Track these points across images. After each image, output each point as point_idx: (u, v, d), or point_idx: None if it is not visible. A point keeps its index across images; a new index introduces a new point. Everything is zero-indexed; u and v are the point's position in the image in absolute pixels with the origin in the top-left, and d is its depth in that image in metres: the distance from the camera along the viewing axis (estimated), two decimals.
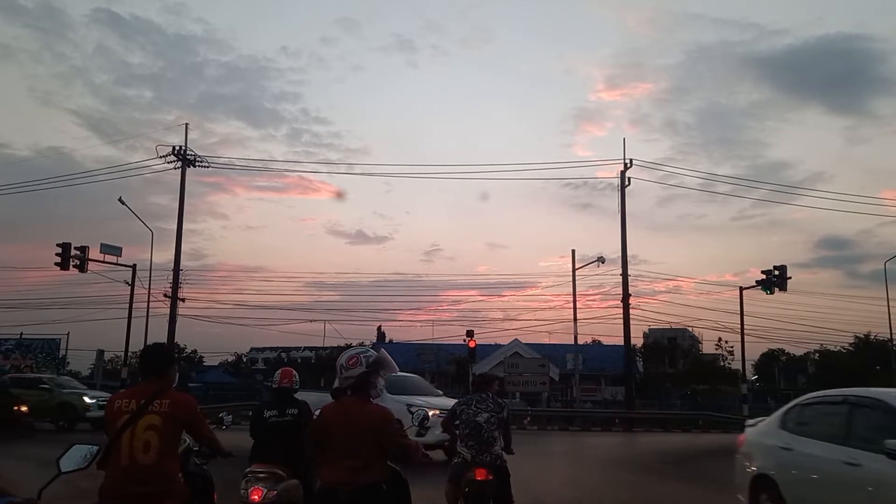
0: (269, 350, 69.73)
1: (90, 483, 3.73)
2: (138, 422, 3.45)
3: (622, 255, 30.50)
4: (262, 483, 5.51)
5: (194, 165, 30.12)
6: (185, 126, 30.42)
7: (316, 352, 62.70)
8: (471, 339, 30.38)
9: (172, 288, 29.59)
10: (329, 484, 3.68)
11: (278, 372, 6.46)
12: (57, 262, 27.41)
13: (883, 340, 41.39)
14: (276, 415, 5.99)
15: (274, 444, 5.80)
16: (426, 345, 48.44)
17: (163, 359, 3.80)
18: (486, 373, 7.60)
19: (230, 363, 69.51)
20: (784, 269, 30.66)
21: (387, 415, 3.81)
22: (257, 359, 70.28)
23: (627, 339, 31.31)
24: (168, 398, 3.56)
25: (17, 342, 32.50)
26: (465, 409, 6.05)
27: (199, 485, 4.51)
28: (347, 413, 3.74)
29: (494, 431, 5.92)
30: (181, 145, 29.60)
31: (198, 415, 3.77)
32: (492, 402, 6.06)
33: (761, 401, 45.86)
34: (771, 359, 66.56)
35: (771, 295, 31.10)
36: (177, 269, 29.92)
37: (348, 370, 3.82)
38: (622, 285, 30.48)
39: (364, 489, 3.60)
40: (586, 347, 46.19)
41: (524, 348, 44.97)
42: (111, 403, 3.62)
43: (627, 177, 30.31)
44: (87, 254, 28.30)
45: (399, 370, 4.09)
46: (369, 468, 3.66)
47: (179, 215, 30.03)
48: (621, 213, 30.26)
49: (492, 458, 5.82)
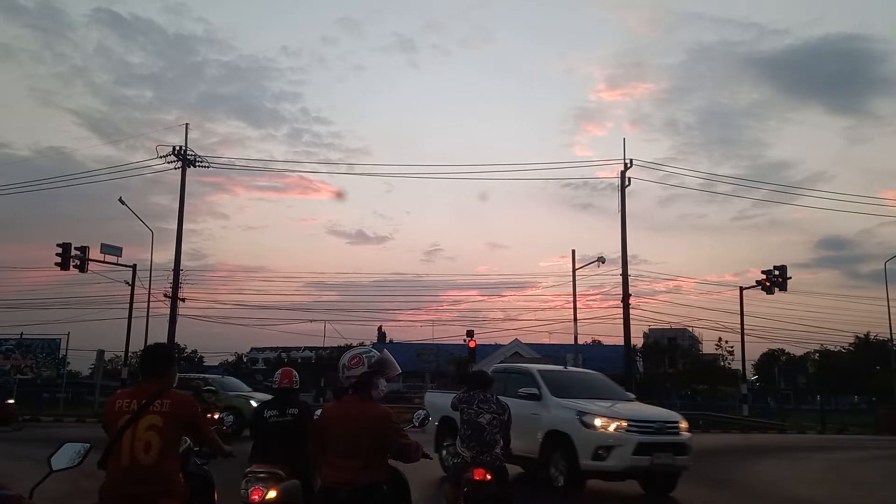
0: (269, 350, 69.75)
1: (90, 483, 3.73)
2: (139, 422, 3.45)
3: (622, 255, 30.51)
4: (262, 483, 5.50)
5: (194, 165, 30.11)
6: (186, 126, 30.46)
7: (316, 352, 62.73)
8: (471, 340, 30.41)
9: (172, 288, 29.58)
10: (329, 484, 3.68)
11: (278, 372, 6.46)
12: (57, 262, 27.44)
13: (883, 340, 41.41)
14: (277, 415, 5.99)
15: (274, 444, 5.79)
16: (426, 345, 48.49)
17: (163, 359, 3.80)
18: (485, 371, 7.51)
19: (230, 363, 69.48)
20: (784, 269, 30.70)
21: (387, 414, 3.80)
22: (257, 359, 70.31)
23: (627, 339, 31.33)
24: (169, 398, 3.56)
25: (17, 342, 32.45)
26: (465, 408, 6.04)
27: (199, 485, 4.51)
28: (348, 413, 3.74)
29: (496, 434, 5.92)
30: (181, 145, 29.62)
31: (198, 415, 3.77)
32: (494, 404, 6.05)
33: (761, 401, 45.89)
34: (771, 359, 66.55)
35: (771, 295, 31.12)
36: (177, 269, 29.93)
37: (350, 370, 3.82)
38: (622, 285, 30.49)
39: (364, 489, 3.60)
40: (586, 347, 46.15)
41: (524, 348, 45.00)
42: (111, 403, 3.61)
43: (628, 177, 30.30)
44: (88, 254, 28.32)
45: (400, 370, 4.07)
46: (369, 468, 3.65)
47: (179, 215, 30.07)
48: (621, 213, 30.26)
49: (492, 459, 5.82)
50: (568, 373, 12.42)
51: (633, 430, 9.19)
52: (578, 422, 9.28)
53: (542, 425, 9.71)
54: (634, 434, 9.15)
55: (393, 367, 3.94)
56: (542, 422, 9.74)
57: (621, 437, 9.12)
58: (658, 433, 9.44)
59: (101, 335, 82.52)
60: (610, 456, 8.95)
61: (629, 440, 9.08)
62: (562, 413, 9.63)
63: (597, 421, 9.20)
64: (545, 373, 10.84)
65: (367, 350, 4.04)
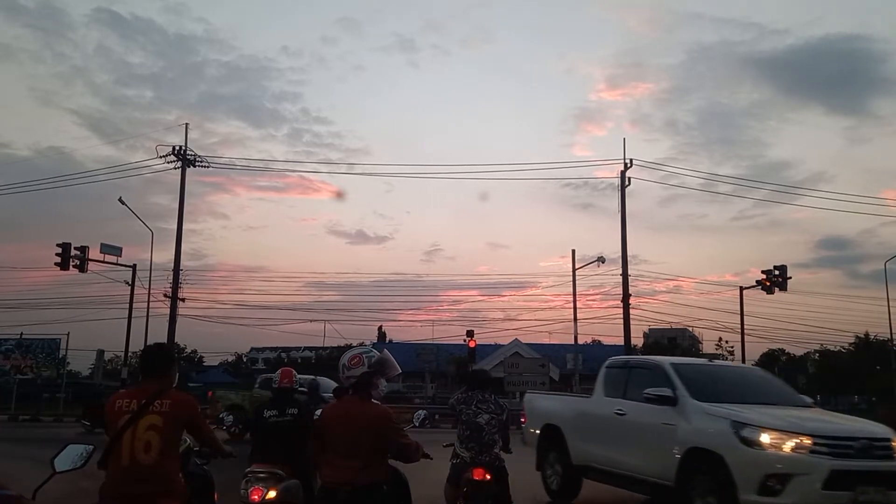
0: (269, 350, 69.74)
1: (90, 483, 3.73)
2: (139, 422, 3.46)
3: (622, 255, 30.49)
4: (262, 483, 5.51)
5: (194, 165, 30.08)
6: (186, 126, 30.38)
7: (316, 352, 62.69)
8: (471, 339, 30.44)
9: (172, 288, 29.56)
10: (329, 484, 3.68)
11: (278, 372, 6.49)
12: (57, 262, 27.40)
13: (883, 340, 41.39)
14: (276, 415, 5.99)
15: (274, 444, 5.80)
16: (426, 345, 48.38)
17: (163, 359, 3.80)
18: (485, 370, 7.42)
19: (230, 363, 69.51)
20: (784, 269, 30.69)
21: (387, 414, 3.81)
22: (257, 359, 70.28)
23: (627, 339, 31.29)
24: (169, 398, 3.57)
25: (17, 342, 32.48)
26: (464, 408, 6.05)
27: (199, 485, 4.51)
28: (348, 413, 3.75)
29: (495, 434, 5.93)
30: (181, 145, 29.55)
31: (199, 415, 3.78)
32: (493, 404, 6.06)
33: None
34: (771, 359, 66.52)
35: (771, 295, 31.13)
36: (177, 269, 29.90)
37: (350, 369, 3.83)
38: (622, 285, 30.46)
39: (364, 489, 3.61)
40: (586, 347, 46.11)
41: (524, 348, 44.97)
42: (111, 403, 3.62)
43: (628, 177, 30.24)
44: (87, 254, 28.30)
45: (400, 370, 4.08)
46: (369, 468, 3.66)
47: (179, 215, 30.04)
48: (621, 213, 30.23)
49: (491, 459, 5.83)
50: (714, 367, 9.40)
51: (823, 452, 6.33)
52: (735, 436, 6.59)
53: (679, 440, 7.17)
54: (824, 457, 6.30)
55: (393, 367, 3.94)
56: (678, 435, 7.19)
57: (804, 460, 6.31)
58: (862, 456, 6.42)
59: (101, 335, 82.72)
60: (787, 490, 6.19)
61: (817, 466, 6.23)
62: (709, 423, 6.99)
63: (764, 436, 6.53)
64: (682, 367, 8.19)
65: (367, 350, 4.05)
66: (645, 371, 8.53)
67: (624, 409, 8.24)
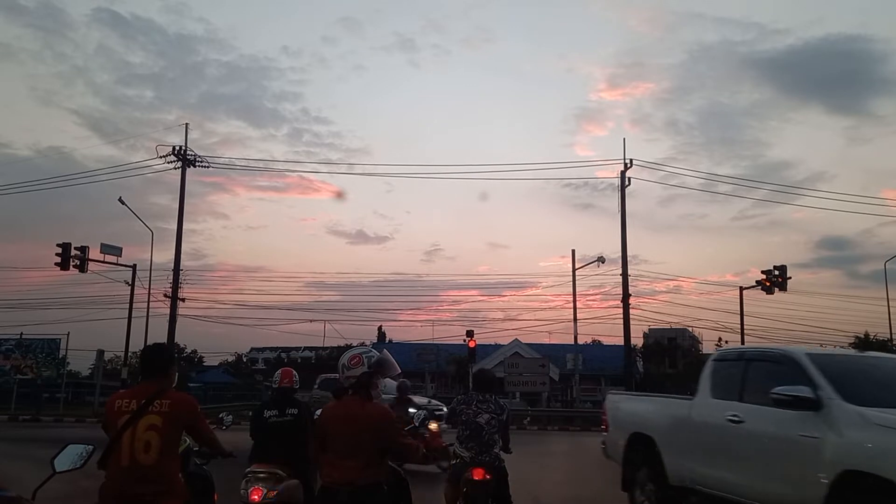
0: (269, 350, 69.69)
1: (90, 483, 3.73)
2: (139, 422, 3.46)
3: (622, 255, 30.51)
4: (262, 483, 5.51)
5: (194, 165, 30.10)
6: (186, 126, 30.40)
7: (316, 352, 62.66)
8: (471, 339, 30.39)
9: (172, 288, 29.57)
10: (329, 484, 3.68)
11: (278, 372, 6.48)
12: (57, 262, 27.40)
13: (883, 340, 41.29)
14: (276, 415, 6.00)
15: (274, 444, 5.81)
16: (426, 345, 48.40)
17: (163, 359, 3.80)
18: (488, 371, 7.27)
19: (230, 363, 69.49)
20: (784, 269, 30.73)
21: (387, 414, 3.81)
22: (257, 359, 70.23)
23: (627, 339, 31.33)
24: (169, 398, 3.57)
25: (17, 342, 32.46)
26: (465, 409, 6.04)
27: (199, 485, 4.51)
28: (348, 413, 3.75)
29: (495, 434, 5.92)
30: (181, 145, 29.58)
31: (198, 415, 3.77)
32: (493, 404, 6.05)
33: None
34: None
35: (771, 295, 31.15)
36: (177, 269, 29.91)
37: (350, 369, 3.83)
38: (622, 285, 30.49)
39: (364, 489, 3.61)
40: (586, 347, 46.19)
41: (524, 348, 45.01)
42: (111, 403, 3.62)
43: (628, 177, 30.27)
44: (87, 254, 28.30)
45: (400, 370, 4.08)
46: (369, 468, 3.66)
47: (179, 215, 30.05)
48: (621, 213, 30.26)
49: (490, 459, 5.83)
50: (869, 360, 6.73)
51: None
52: None
53: (826, 459, 5.13)
54: None
55: (393, 367, 3.95)
56: (826, 453, 5.16)
57: None
58: None
59: (101, 335, 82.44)
60: None
61: None
62: (872, 436, 4.90)
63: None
64: (824, 359, 6.12)
65: (367, 350, 4.06)
66: (769, 364, 6.44)
67: (741, 414, 6.13)
